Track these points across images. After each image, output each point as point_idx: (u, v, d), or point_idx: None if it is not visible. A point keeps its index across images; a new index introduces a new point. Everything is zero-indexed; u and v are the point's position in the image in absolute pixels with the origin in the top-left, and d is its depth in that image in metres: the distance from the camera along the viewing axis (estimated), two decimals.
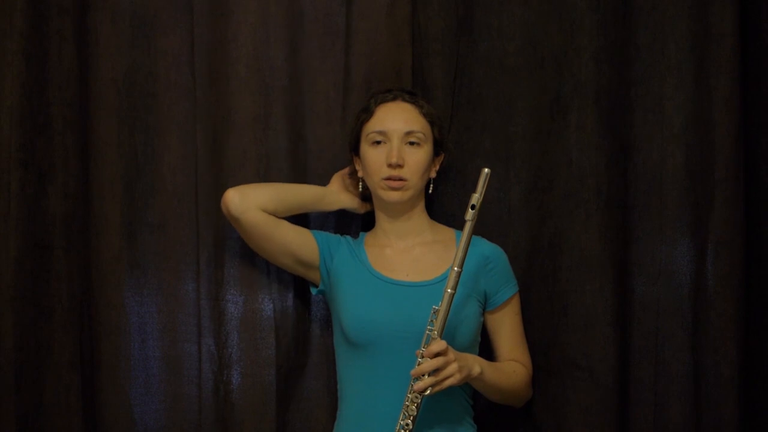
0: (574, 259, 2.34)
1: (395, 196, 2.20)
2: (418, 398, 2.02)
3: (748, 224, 2.34)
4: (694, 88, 2.34)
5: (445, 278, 2.13)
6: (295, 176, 2.41)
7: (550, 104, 2.39)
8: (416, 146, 2.22)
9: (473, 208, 2.06)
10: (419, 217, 2.29)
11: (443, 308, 2.04)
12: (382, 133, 2.22)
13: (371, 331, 2.15)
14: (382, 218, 2.29)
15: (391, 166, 2.18)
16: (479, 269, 2.22)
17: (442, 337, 2.04)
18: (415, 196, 2.24)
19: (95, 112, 2.36)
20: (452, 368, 2.02)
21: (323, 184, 2.39)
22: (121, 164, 2.36)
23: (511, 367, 2.25)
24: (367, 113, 2.26)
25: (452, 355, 2.02)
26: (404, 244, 2.27)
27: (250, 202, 2.22)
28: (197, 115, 2.39)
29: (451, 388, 2.05)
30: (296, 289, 2.37)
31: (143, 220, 2.37)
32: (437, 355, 2.01)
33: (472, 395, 2.24)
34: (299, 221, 2.33)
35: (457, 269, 2.05)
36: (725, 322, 2.30)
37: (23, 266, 2.28)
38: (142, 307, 2.36)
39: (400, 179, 2.19)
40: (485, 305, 2.25)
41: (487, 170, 2.06)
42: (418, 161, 2.21)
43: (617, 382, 2.32)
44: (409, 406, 2.03)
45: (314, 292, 2.32)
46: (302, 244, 2.27)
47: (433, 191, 2.29)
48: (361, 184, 2.30)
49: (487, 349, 2.27)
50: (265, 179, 2.38)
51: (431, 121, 2.26)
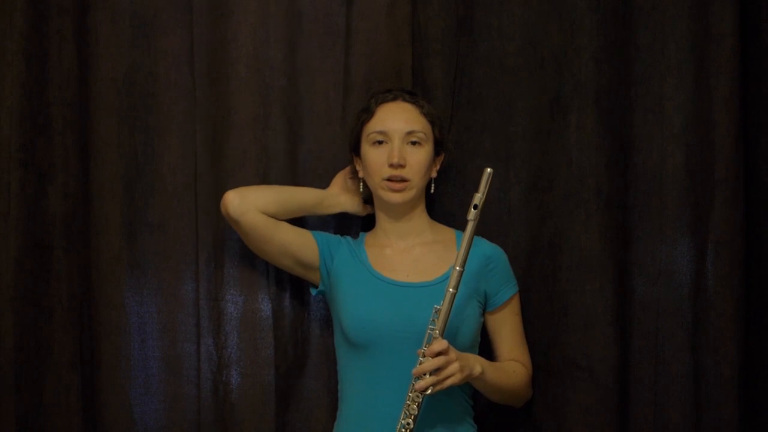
0: (574, 259, 2.34)
1: (397, 197, 2.20)
2: (419, 397, 2.02)
3: (748, 224, 2.34)
4: (694, 88, 2.34)
5: (445, 279, 2.13)
6: (295, 176, 2.41)
7: (550, 104, 2.39)
8: (417, 146, 2.22)
9: (476, 207, 2.06)
10: (420, 217, 2.29)
11: (445, 307, 2.04)
12: (383, 133, 2.22)
13: (371, 331, 2.15)
14: (382, 218, 2.29)
15: (392, 166, 2.18)
16: (480, 270, 2.22)
17: (443, 336, 2.04)
18: (416, 196, 2.24)
19: (95, 112, 2.36)
20: (453, 367, 2.02)
21: (323, 184, 2.39)
22: (121, 164, 2.36)
23: (511, 367, 2.25)
24: (367, 113, 2.26)
25: (453, 354, 2.02)
26: (404, 244, 2.27)
27: (249, 204, 2.22)
28: (197, 115, 2.39)
29: (451, 388, 2.05)
30: (295, 289, 2.37)
31: (143, 220, 2.37)
32: (439, 354, 2.01)
33: (472, 395, 2.24)
34: (299, 221, 2.33)
35: (459, 269, 2.04)
36: (725, 322, 2.30)
37: (23, 266, 2.28)
38: (142, 307, 2.36)
39: (401, 179, 2.19)
40: (485, 305, 2.25)
41: (489, 170, 2.06)
42: (419, 161, 2.21)
43: (617, 382, 2.32)
44: (410, 405, 2.03)
45: (314, 292, 2.32)
46: (302, 245, 2.27)
47: (433, 191, 2.30)
48: (362, 184, 2.30)
49: (486, 349, 2.27)
50: (265, 179, 2.38)
51: (432, 120, 2.26)
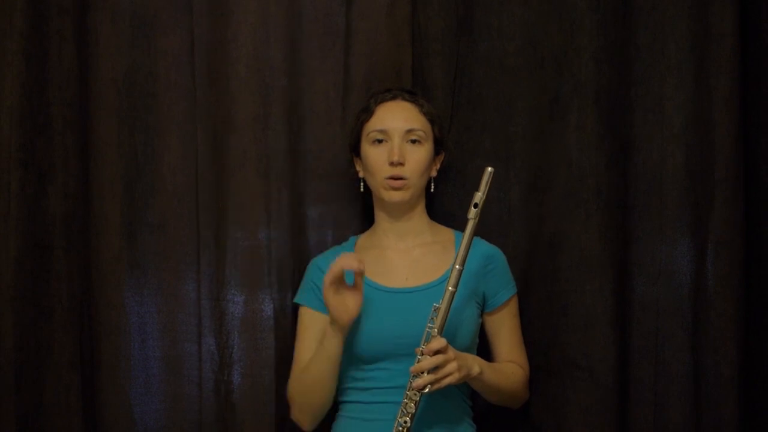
0: (574, 259, 2.34)
1: (397, 196, 2.20)
2: (416, 396, 2.02)
3: (748, 224, 2.34)
4: (694, 88, 2.34)
5: (443, 281, 2.12)
6: (295, 176, 2.41)
7: (550, 104, 2.39)
8: (417, 144, 2.22)
9: (476, 206, 2.06)
10: (420, 218, 2.29)
11: (444, 306, 2.04)
12: (382, 131, 2.22)
13: (370, 343, 2.15)
14: (382, 218, 2.28)
15: (392, 164, 2.18)
16: (478, 270, 2.22)
17: (442, 336, 2.03)
18: (416, 195, 2.24)
19: (95, 112, 2.36)
20: (452, 366, 2.02)
21: (323, 184, 2.41)
22: (121, 164, 2.36)
23: (509, 368, 2.25)
24: (367, 113, 2.26)
25: (452, 353, 2.02)
26: (404, 245, 2.27)
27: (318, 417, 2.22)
28: (197, 115, 2.39)
29: (449, 388, 2.05)
30: (296, 289, 2.36)
31: (143, 220, 2.36)
32: (437, 352, 2.01)
33: (470, 395, 2.24)
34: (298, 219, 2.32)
35: (458, 267, 2.04)
36: (725, 322, 2.30)
37: (23, 266, 2.28)
38: (142, 307, 2.36)
39: (401, 178, 2.19)
40: (484, 306, 2.25)
41: (490, 169, 2.06)
42: (418, 159, 2.21)
43: (617, 382, 2.32)
44: (407, 403, 2.03)
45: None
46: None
47: (434, 190, 2.30)
48: (362, 184, 2.30)
49: (485, 350, 2.27)
50: (265, 179, 2.38)
51: (431, 119, 2.26)
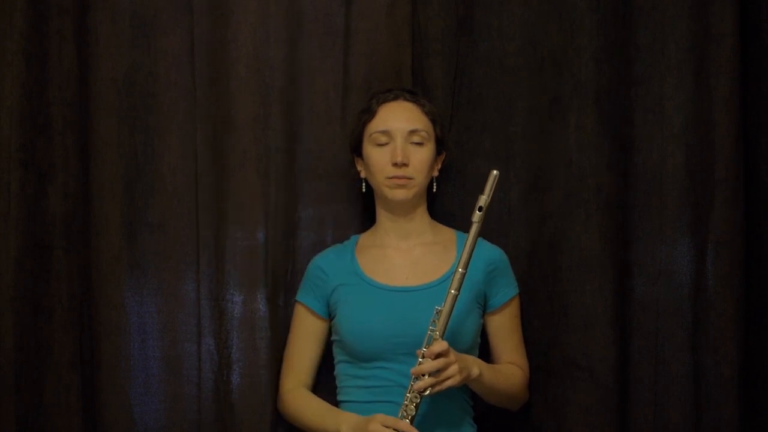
0: (574, 259, 2.34)
1: (401, 194, 2.20)
2: (417, 398, 2.02)
3: (748, 224, 2.34)
4: (694, 88, 2.34)
5: (444, 280, 2.13)
6: (295, 176, 2.41)
7: (549, 104, 2.39)
8: (420, 145, 2.22)
9: (480, 209, 2.06)
10: (421, 217, 2.29)
11: (446, 309, 2.04)
12: (385, 132, 2.22)
13: (370, 341, 2.15)
14: (384, 217, 2.28)
15: (396, 165, 2.18)
16: (480, 271, 2.22)
17: (443, 338, 2.03)
18: (419, 194, 2.24)
19: (95, 112, 2.35)
20: (453, 369, 2.02)
21: (323, 184, 2.40)
22: (121, 164, 2.36)
23: (509, 369, 2.25)
24: (369, 113, 2.26)
25: (453, 356, 2.02)
26: (405, 244, 2.27)
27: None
28: (197, 115, 2.39)
29: (450, 388, 2.05)
30: (295, 289, 2.36)
31: (143, 220, 2.36)
32: (439, 355, 2.01)
33: (471, 396, 2.24)
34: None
35: (461, 270, 2.04)
36: (725, 322, 2.30)
37: (23, 266, 2.28)
38: (142, 307, 2.36)
39: (405, 178, 2.19)
40: (485, 307, 2.25)
41: (495, 172, 2.06)
42: (422, 160, 2.21)
43: (617, 382, 2.32)
44: (408, 405, 2.03)
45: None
46: (324, 333, 2.28)
47: (435, 190, 2.30)
48: (364, 184, 2.30)
49: (485, 351, 2.27)
50: (265, 179, 2.38)
51: (433, 119, 2.27)
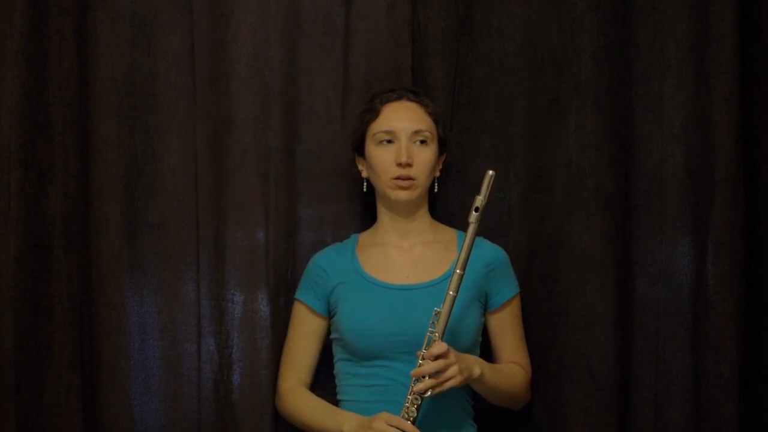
0: (574, 259, 2.34)
1: (404, 195, 2.20)
2: (418, 400, 2.02)
3: (748, 224, 2.34)
4: (694, 88, 2.34)
5: (444, 279, 2.13)
6: (294, 176, 2.41)
7: (549, 104, 2.39)
8: (424, 145, 2.22)
9: (477, 210, 2.06)
10: (423, 217, 2.29)
11: (445, 310, 2.04)
12: (389, 132, 2.22)
13: (371, 339, 2.15)
14: (385, 216, 2.28)
15: (400, 165, 2.18)
16: (481, 270, 2.22)
17: (443, 339, 2.03)
18: (422, 194, 2.24)
19: (95, 112, 2.35)
20: (453, 370, 2.01)
21: (323, 184, 2.40)
22: (121, 164, 2.36)
23: (510, 369, 2.25)
24: (372, 113, 2.26)
25: (453, 357, 2.02)
26: (407, 243, 2.27)
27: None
28: (197, 115, 2.39)
29: (451, 389, 2.05)
30: (295, 288, 2.36)
31: (143, 220, 2.36)
32: (438, 357, 2.01)
33: (472, 395, 2.24)
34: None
35: (459, 272, 2.04)
36: (725, 322, 2.30)
37: (23, 266, 2.28)
38: (142, 307, 2.36)
39: (409, 178, 2.19)
40: (486, 306, 2.25)
41: (491, 172, 2.06)
42: (425, 160, 2.21)
43: (617, 382, 2.32)
44: (408, 407, 2.02)
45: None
46: (323, 331, 2.28)
47: (437, 190, 2.30)
48: (365, 184, 2.30)
49: (486, 350, 2.27)
50: (264, 179, 2.38)
51: (436, 119, 2.27)
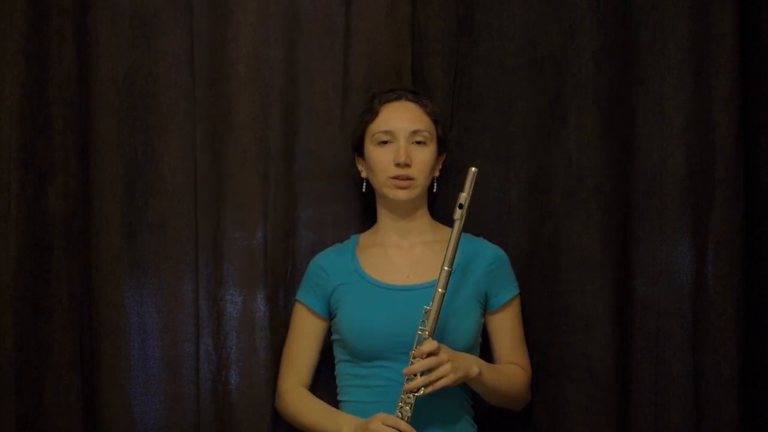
0: (574, 259, 2.34)
1: (403, 194, 2.21)
2: (411, 398, 2.02)
3: (748, 224, 2.34)
4: (694, 88, 2.34)
5: None
6: (294, 176, 2.41)
7: (549, 104, 2.39)
8: (422, 145, 2.22)
9: (461, 207, 2.07)
10: (423, 217, 2.29)
11: (434, 308, 2.04)
12: (388, 132, 2.22)
13: (371, 339, 2.15)
14: (385, 217, 2.29)
15: (399, 165, 2.18)
16: (481, 270, 2.22)
17: (438, 337, 2.03)
18: (421, 194, 2.25)
19: (95, 112, 2.36)
20: (445, 368, 2.01)
21: (323, 184, 2.40)
22: (121, 164, 2.36)
23: (510, 369, 2.25)
24: (371, 113, 2.26)
25: (445, 355, 2.02)
26: (406, 243, 2.27)
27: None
28: (197, 115, 2.39)
29: (451, 388, 2.05)
30: (294, 289, 2.36)
31: (143, 220, 2.36)
32: (429, 355, 2.01)
33: (472, 395, 2.24)
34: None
35: (447, 269, 2.05)
36: (725, 322, 2.30)
37: (23, 266, 2.28)
38: (142, 307, 2.36)
39: (407, 178, 2.19)
40: (486, 306, 2.25)
41: (474, 169, 2.08)
42: (424, 160, 2.22)
43: (617, 382, 2.32)
44: (402, 407, 2.03)
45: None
46: (323, 332, 2.28)
47: (436, 190, 2.30)
48: (365, 184, 2.30)
49: (486, 350, 2.27)
50: (264, 179, 2.38)
51: (435, 120, 2.27)
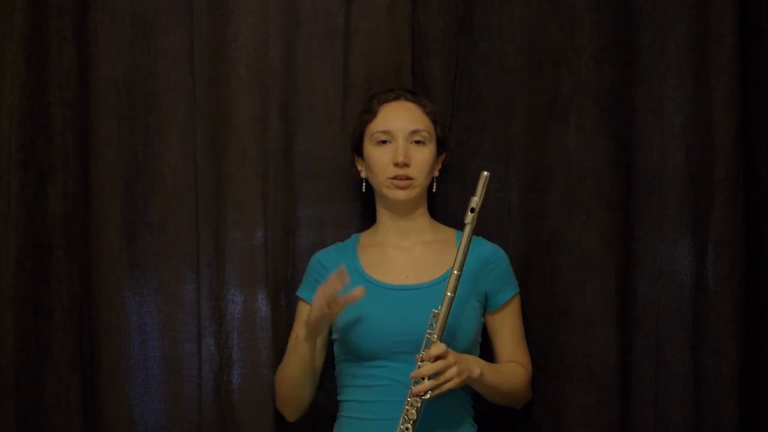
0: (574, 259, 2.34)
1: (402, 194, 2.21)
2: (417, 402, 2.02)
3: (748, 224, 2.34)
4: (694, 88, 2.34)
5: (443, 279, 2.12)
6: (294, 176, 2.41)
7: (549, 104, 2.39)
8: (421, 145, 2.22)
9: (473, 211, 2.06)
10: (422, 217, 2.29)
11: (443, 312, 2.03)
12: (387, 132, 2.22)
13: (371, 338, 2.15)
14: (385, 216, 2.29)
15: (397, 165, 2.18)
16: (480, 270, 2.22)
17: (443, 338, 2.03)
18: (420, 194, 2.24)
19: (95, 112, 2.36)
20: (452, 372, 2.01)
21: (323, 184, 2.41)
22: (121, 164, 2.36)
23: (510, 368, 2.25)
24: (370, 113, 2.26)
25: (452, 358, 2.02)
26: (406, 243, 2.27)
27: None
28: (197, 115, 2.39)
29: (451, 389, 2.05)
30: (295, 289, 2.36)
31: (143, 220, 2.36)
32: (437, 358, 2.01)
33: (473, 395, 2.24)
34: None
35: (456, 272, 2.04)
36: (725, 322, 2.30)
37: (23, 266, 2.28)
38: (142, 307, 2.36)
39: (406, 178, 2.19)
40: (486, 306, 2.25)
41: (486, 173, 2.07)
42: (423, 160, 2.22)
43: (617, 382, 2.32)
44: (408, 410, 2.02)
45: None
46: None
47: (435, 190, 2.30)
48: (364, 184, 2.30)
49: (487, 350, 2.27)
50: (264, 179, 2.38)
51: (434, 119, 2.27)
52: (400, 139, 2.20)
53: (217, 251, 2.38)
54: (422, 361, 2.02)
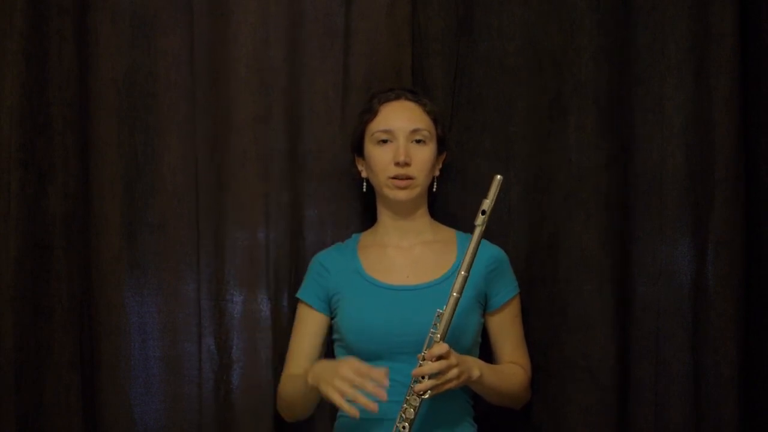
0: (573, 259, 2.35)
1: (402, 194, 2.21)
2: (416, 401, 2.01)
3: (748, 224, 2.34)
4: (694, 88, 2.34)
5: (444, 279, 2.13)
6: (294, 176, 2.41)
7: (549, 104, 2.39)
8: (422, 144, 2.22)
9: (484, 213, 2.05)
10: (422, 217, 2.29)
11: (448, 312, 2.03)
12: (387, 131, 2.22)
13: (371, 339, 2.15)
14: (385, 216, 2.29)
15: (398, 164, 2.18)
16: (481, 271, 2.21)
17: (444, 341, 2.03)
18: (421, 194, 2.24)
19: (95, 112, 2.36)
20: (454, 372, 2.01)
21: (323, 184, 2.41)
22: (121, 164, 2.36)
23: (510, 369, 2.25)
24: (370, 113, 2.26)
25: (454, 358, 2.02)
26: (406, 243, 2.27)
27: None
28: (197, 115, 2.39)
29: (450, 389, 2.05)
30: (295, 289, 2.36)
31: (143, 220, 2.36)
32: (440, 358, 2.01)
33: (472, 395, 2.24)
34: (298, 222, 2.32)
35: (464, 273, 2.04)
36: (725, 322, 2.30)
37: (23, 266, 2.28)
38: (142, 307, 2.36)
39: (407, 177, 2.19)
40: (485, 306, 2.25)
41: (499, 177, 2.06)
42: (424, 159, 2.22)
43: (617, 382, 2.32)
44: (407, 408, 2.02)
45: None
46: (324, 329, 2.27)
47: (435, 190, 2.30)
48: (365, 184, 2.30)
49: (486, 350, 2.27)
50: (264, 179, 2.39)
51: (435, 119, 2.27)
52: (400, 138, 2.21)
53: (217, 251, 2.38)
54: (424, 359, 2.02)
